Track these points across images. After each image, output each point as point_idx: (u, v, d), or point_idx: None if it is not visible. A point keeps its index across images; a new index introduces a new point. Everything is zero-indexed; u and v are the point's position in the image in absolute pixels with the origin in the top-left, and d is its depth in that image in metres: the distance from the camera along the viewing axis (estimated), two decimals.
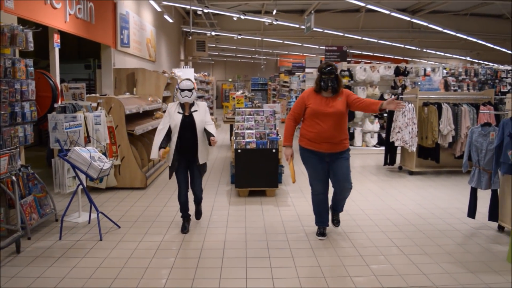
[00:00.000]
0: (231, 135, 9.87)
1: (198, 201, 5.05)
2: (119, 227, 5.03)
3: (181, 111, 4.75)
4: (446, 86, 10.79)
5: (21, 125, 4.89)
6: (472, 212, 5.12)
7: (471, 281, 3.68)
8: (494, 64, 16.27)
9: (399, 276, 3.77)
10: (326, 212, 4.77)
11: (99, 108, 6.11)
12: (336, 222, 4.89)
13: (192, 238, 4.67)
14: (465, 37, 17.85)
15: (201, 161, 4.76)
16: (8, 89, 4.63)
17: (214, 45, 23.94)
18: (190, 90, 4.68)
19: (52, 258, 4.12)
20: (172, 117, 4.72)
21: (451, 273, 3.83)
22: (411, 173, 8.16)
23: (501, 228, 4.96)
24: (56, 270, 3.87)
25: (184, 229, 4.86)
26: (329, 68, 4.41)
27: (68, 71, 11.02)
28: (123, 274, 3.79)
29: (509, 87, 12.11)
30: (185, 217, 4.98)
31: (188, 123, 4.71)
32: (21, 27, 4.77)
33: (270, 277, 3.74)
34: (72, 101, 5.45)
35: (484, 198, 5.30)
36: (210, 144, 4.71)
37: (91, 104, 5.69)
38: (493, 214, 4.96)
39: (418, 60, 26.47)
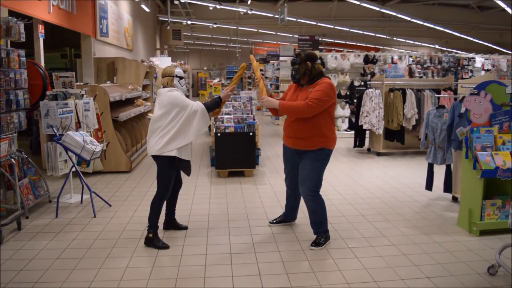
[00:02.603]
0: None
1: (176, 199, 4.61)
2: (110, 205, 5.44)
3: None
4: (411, 73, 11.46)
5: (16, 112, 5.24)
6: (429, 185, 5.74)
7: (424, 240, 4.28)
8: (458, 52, 17.05)
9: (363, 239, 4.33)
10: (290, 208, 4.68)
11: (84, 96, 6.46)
12: (314, 244, 4.13)
13: (179, 213, 5.09)
14: (432, 26, 18.58)
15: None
16: (3, 78, 4.96)
17: (189, 34, 24.14)
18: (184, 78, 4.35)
19: (52, 233, 4.52)
20: None
21: (408, 235, 4.43)
22: (379, 154, 8.78)
23: (454, 199, 5.58)
24: (58, 242, 4.28)
25: (166, 245, 4.18)
26: (294, 59, 4.15)
27: (45, 60, 11.19)
28: (120, 244, 4.23)
29: (470, 74, 12.87)
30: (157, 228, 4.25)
31: None
32: (15, 19, 5.09)
33: (251, 242, 4.25)
34: (63, 89, 5.81)
35: (440, 172, 5.91)
36: None
37: (80, 92, 6.04)
38: (448, 186, 5.58)
39: (389, 48, 27.28)
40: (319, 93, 3.90)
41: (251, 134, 6.79)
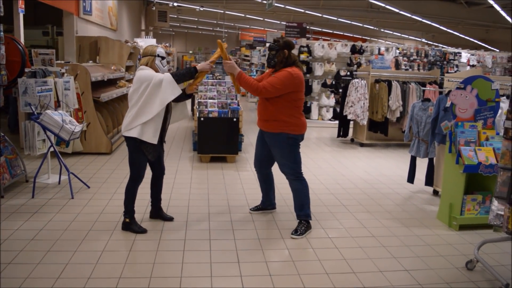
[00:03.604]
0: (192, 105, 10.19)
1: (161, 186, 4.41)
2: (89, 187, 5.33)
3: None
4: (397, 65, 11.48)
5: None
6: (411, 177, 5.76)
7: (404, 233, 4.28)
8: (444, 46, 17.14)
9: (344, 229, 4.32)
10: (265, 194, 4.70)
11: (65, 75, 6.28)
12: (294, 231, 4.13)
13: None
14: (420, 19, 18.62)
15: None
16: None
17: (175, 16, 23.80)
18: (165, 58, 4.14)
19: (27, 214, 4.41)
20: None
21: (388, 226, 4.43)
22: (362, 145, 8.79)
23: (435, 192, 5.61)
24: (33, 223, 4.17)
25: (143, 229, 4.09)
26: (271, 44, 4.17)
27: (26, 37, 10.91)
28: (97, 226, 4.15)
29: (455, 69, 12.95)
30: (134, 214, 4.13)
31: None
32: None
33: (231, 229, 4.20)
34: (42, 67, 5.63)
35: (422, 166, 5.93)
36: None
37: (60, 70, 5.87)
38: (429, 180, 5.61)
39: (376, 39, 27.29)
40: (274, 80, 3.99)
41: (234, 120, 6.71)
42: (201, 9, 19.55)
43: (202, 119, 6.64)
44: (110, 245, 3.76)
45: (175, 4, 18.34)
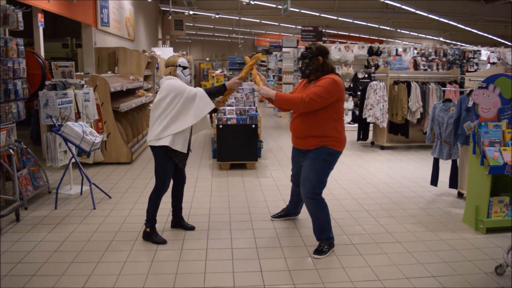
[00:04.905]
0: (211, 113, 10.20)
1: (182, 195, 4.42)
2: (110, 197, 5.36)
3: None
4: (416, 66, 11.33)
5: (14, 101, 5.14)
6: (434, 180, 5.65)
7: (429, 237, 4.18)
8: (463, 45, 16.88)
9: (367, 235, 4.25)
10: (293, 203, 4.55)
11: (85, 86, 6.35)
12: (316, 251, 3.83)
13: None
14: (437, 18, 18.37)
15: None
16: (2, 67, 4.86)
17: (191, 24, 23.94)
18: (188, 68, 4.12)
19: (50, 225, 4.45)
20: None
21: (413, 231, 4.34)
22: (383, 147, 8.68)
23: (460, 195, 5.48)
24: (56, 235, 4.21)
25: (163, 240, 4.06)
26: (303, 52, 3.88)
27: (46, 50, 11.11)
28: (119, 237, 4.16)
29: (475, 67, 12.72)
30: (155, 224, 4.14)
31: None
32: (12, 7, 4.98)
33: (253, 237, 4.17)
34: (62, 79, 5.70)
35: (446, 168, 5.81)
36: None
37: (80, 82, 5.94)
38: (453, 182, 5.49)
39: (393, 40, 27.02)
40: (319, 89, 3.66)
41: (253, 126, 6.69)
42: (217, 16, 19.60)
43: (221, 126, 6.63)
44: (132, 255, 3.76)
45: (191, 12, 18.44)
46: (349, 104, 11.60)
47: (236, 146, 6.72)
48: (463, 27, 20.72)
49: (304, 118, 3.81)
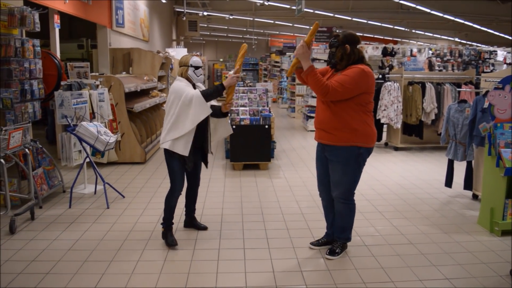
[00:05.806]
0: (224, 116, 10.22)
1: (195, 197, 4.42)
2: (124, 197, 5.41)
3: None
4: (430, 66, 11.21)
5: (30, 101, 5.21)
6: (449, 182, 5.59)
7: (443, 239, 4.14)
8: (479, 45, 16.68)
9: (380, 237, 4.22)
10: (330, 221, 3.95)
11: (100, 86, 6.42)
12: (329, 252, 3.77)
13: None
14: (452, 18, 18.19)
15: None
16: (18, 67, 4.94)
17: (205, 25, 24.03)
18: (201, 67, 4.02)
19: (64, 224, 4.50)
20: None
21: (427, 233, 4.29)
22: (396, 148, 8.61)
23: (475, 197, 5.41)
24: (70, 233, 4.25)
25: (174, 242, 3.98)
26: (331, 40, 3.62)
27: (61, 50, 11.25)
28: (132, 236, 4.19)
29: (491, 68, 12.56)
30: (171, 225, 4.11)
31: None
32: (29, 9, 5.05)
33: (265, 237, 4.17)
34: (77, 79, 5.77)
35: (460, 169, 5.74)
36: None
37: (95, 82, 6.00)
38: (468, 184, 5.42)
39: (408, 40, 26.82)
40: (344, 78, 3.39)
41: (266, 126, 6.69)
42: (231, 17, 19.65)
43: (234, 127, 6.64)
44: (145, 255, 3.78)
45: (205, 13, 18.51)
46: None
47: (249, 147, 6.73)
48: (478, 27, 20.47)
49: (331, 109, 3.52)
